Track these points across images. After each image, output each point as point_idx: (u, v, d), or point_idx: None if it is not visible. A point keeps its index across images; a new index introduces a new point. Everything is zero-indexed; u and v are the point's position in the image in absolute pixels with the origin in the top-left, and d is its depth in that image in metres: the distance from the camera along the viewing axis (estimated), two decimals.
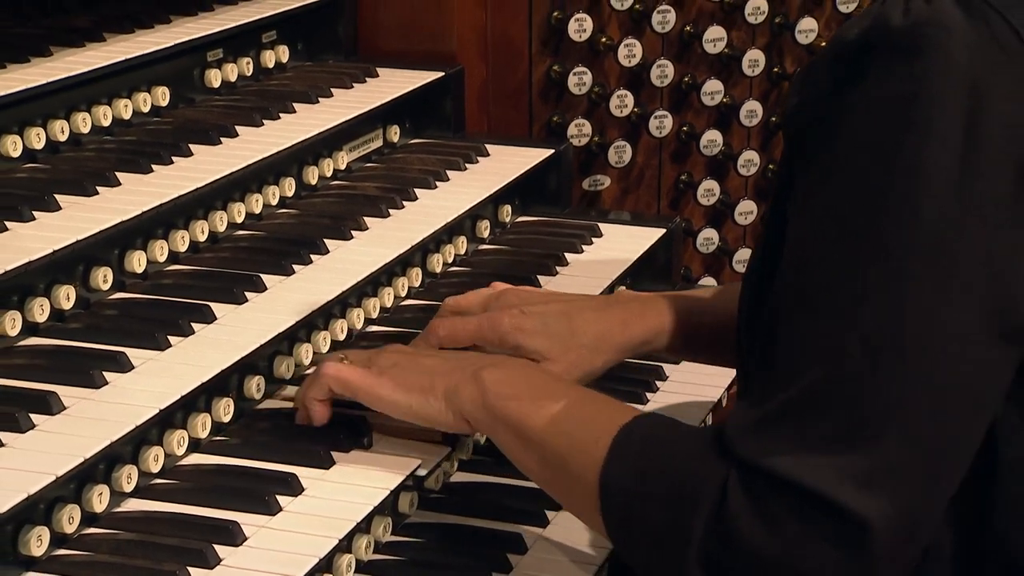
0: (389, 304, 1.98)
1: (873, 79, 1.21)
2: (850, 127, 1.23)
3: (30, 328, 1.64)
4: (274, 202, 2.06)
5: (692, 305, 1.78)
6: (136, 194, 1.82)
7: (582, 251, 2.24)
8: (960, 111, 1.18)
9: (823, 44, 2.71)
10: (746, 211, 2.77)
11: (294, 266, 1.86)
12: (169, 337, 1.65)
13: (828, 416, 1.23)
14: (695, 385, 2.00)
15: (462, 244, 2.19)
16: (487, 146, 2.41)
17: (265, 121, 2.12)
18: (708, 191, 2.74)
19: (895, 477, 1.22)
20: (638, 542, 1.37)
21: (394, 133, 2.39)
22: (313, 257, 1.90)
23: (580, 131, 2.61)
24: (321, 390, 1.61)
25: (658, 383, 1.98)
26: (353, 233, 2.00)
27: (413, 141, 2.43)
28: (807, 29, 2.70)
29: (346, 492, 1.54)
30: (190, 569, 1.38)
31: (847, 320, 1.22)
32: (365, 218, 2.04)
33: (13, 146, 1.85)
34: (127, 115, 2.05)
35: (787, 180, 1.33)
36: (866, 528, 1.21)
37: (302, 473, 1.55)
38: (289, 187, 2.09)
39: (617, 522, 1.37)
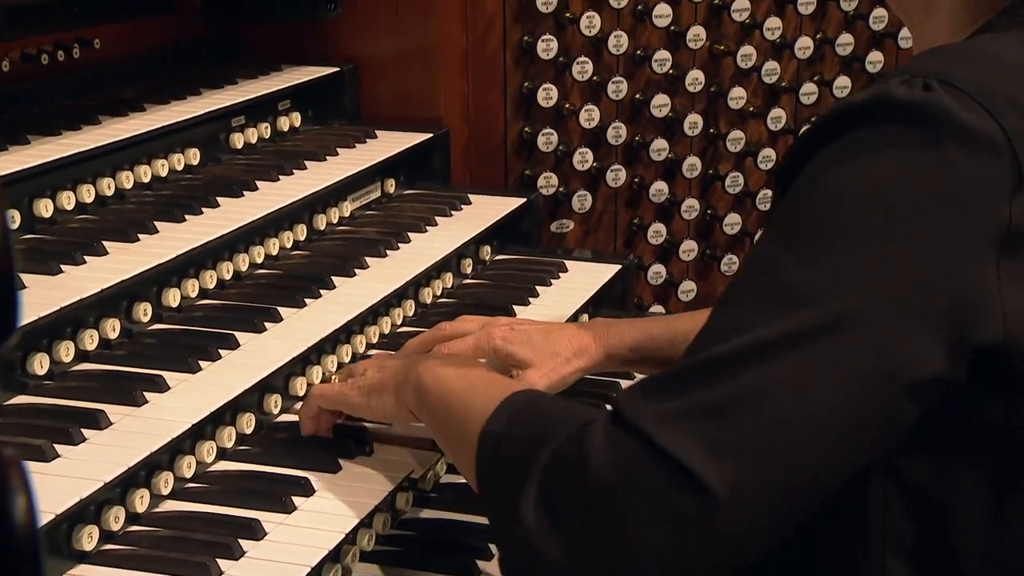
0: (387, 331, 1.98)
1: (872, 132, 1.14)
2: (826, 170, 1.15)
3: (82, 355, 1.64)
4: (288, 245, 2.06)
5: (646, 328, 1.80)
6: (172, 240, 1.82)
7: (551, 284, 2.24)
8: (934, 182, 1.11)
9: (751, 108, 2.73)
10: (688, 249, 2.78)
11: (306, 300, 1.86)
12: (200, 362, 1.64)
13: (705, 390, 1.12)
14: None
15: (449, 279, 2.19)
16: (469, 195, 2.41)
17: (281, 177, 2.12)
18: (657, 232, 2.74)
19: (748, 457, 1.10)
20: (494, 481, 1.25)
21: (391, 185, 2.39)
22: (322, 292, 1.90)
23: (548, 182, 2.62)
24: (310, 408, 1.64)
25: (614, 394, 1.98)
26: (356, 271, 1.99)
27: (407, 192, 2.43)
28: (738, 96, 2.71)
29: (351, 492, 1.54)
30: (219, 560, 1.37)
31: (745, 321, 1.14)
32: (366, 258, 2.04)
33: (67, 200, 1.86)
34: (164, 173, 2.05)
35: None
36: (707, 491, 1.09)
37: (313, 477, 1.55)
38: (301, 232, 2.09)
39: (480, 468, 1.26)
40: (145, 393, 1.55)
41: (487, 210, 2.36)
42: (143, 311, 1.73)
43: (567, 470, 1.16)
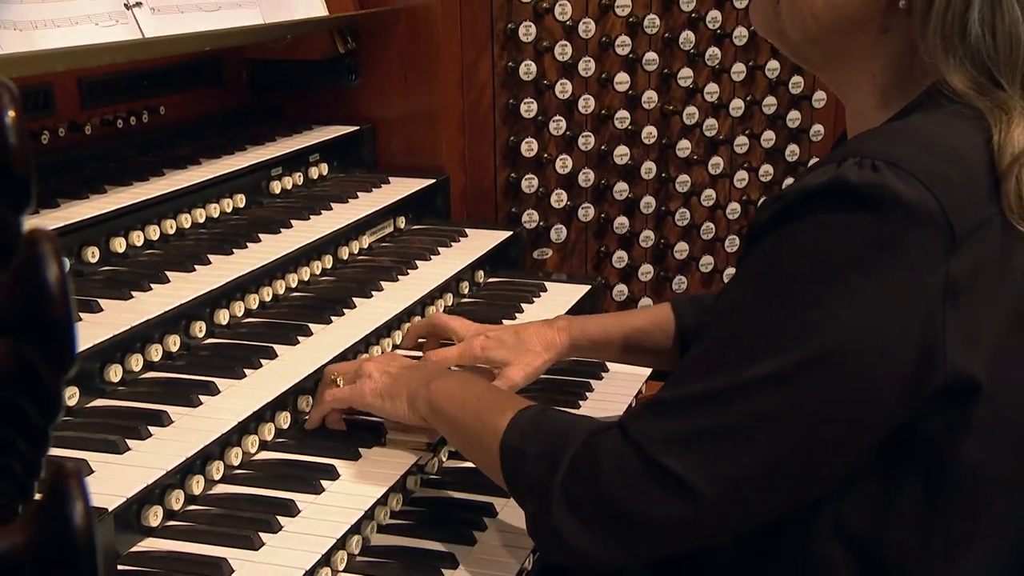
0: (399, 342, 1.97)
1: (824, 212, 1.11)
2: (793, 240, 1.14)
3: (149, 365, 1.64)
4: (318, 272, 2.05)
5: (602, 324, 1.81)
6: (222, 269, 1.82)
7: (533, 301, 2.24)
8: (883, 251, 1.09)
9: (695, 157, 2.74)
10: (646, 272, 2.78)
11: (332, 317, 1.86)
12: (245, 370, 1.64)
13: (695, 414, 1.16)
14: (613, 395, 1.98)
15: (449, 298, 2.19)
16: (467, 230, 2.41)
17: (311, 216, 2.12)
18: (620, 258, 2.75)
19: (731, 471, 1.14)
20: (521, 488, 1.31)
21: (402, 221, 2.39)
22: (345, 311, 1.89)
23: (531, 218, 2.62)
24: (322, 410, 1.62)
25: (588, 393, 1.98)
26: (373, 293, 1.99)
27: (415, 227, 2.43)
28: (684, 147, 2.71)
29: (369, 476, 1.54)
30: (261, 534, 1.37)
31: (733, 359, 1.15)
32: (382, 282, 2.04)
33: (138, 238, 1.86)
34: (216, 215, 2.05)
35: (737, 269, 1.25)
36: (695, 496, 1.14)
37: (338, 464, 1.54)
38: (328, 262, 2.09)
39: (507, 475, 1.32)
40: (200, 396, 1.55)
41: (481, 241, 2.36)
42: (199, 328, 1.73)
43: (583, 478, 1.21)
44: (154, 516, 1.38)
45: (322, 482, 1.50)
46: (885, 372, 1.11)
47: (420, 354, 1.83)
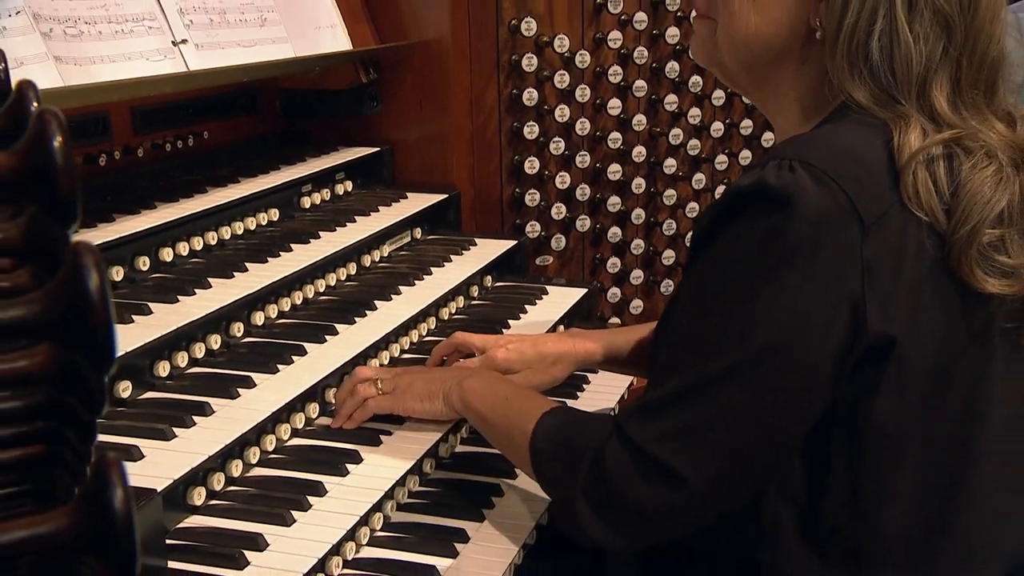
0: (416, 341, 1.96)
1: (752, 215, 1.14)
2: (730, 244, 1.16)
3: (193, 362, 1.63)
4: (343, 278, 2.05)
5: (611, 339, 1.80)
6: (258, 276, 1.81)
7: (536, 303, 2.23)
8: (805, 244, 1.11)
9: (680, 174, 2.73)
10: (637, 276, 2.77)
11: (356, 318, 1.85)
12: (278, 365, 1.64)
13: (675, 413, 1.18)
14: (607, 387, 1.98)
15: (461, 301, 2.18)
16: (476, 239, 2.40)
17: (337, 228, 2.12)
18: (613, 264, 2.73)
19: (711, 457, 1.17)
20: (550, 486, 1.35)
21: (418, 232, 2.38)
22: (367, 312, 1.89)
23: (533, 229, 2.61)
24: (365, 415, 1.60)
25: (584, 386, 1.97)
26: (392, 296, 1.98)
27: (430, 237, 2.42)
28: (670, 165, 2.71)
29: (390, 460, 1.53)
30: (292, 512, 1.37)
31: (694, 359, 1.18)
32: (400, 287, 2.03)
33: (183, 249, 1.86)
34: (252, 227, 2.05)
35: (687, 270, 1.28)
36: (685, 484, 1.17)
37: (362, 449, 1.54)
38: (353, 268, 2.08)
39: (536, 472, 1.36)
40: (239, 389, 1.55)
41: (488, 250, 2.35)
42: (237, 328, 1.73)
43: (597, 480, 1.24)
44: (198, 496, 1.38)
45: (347, 465, 1.49)
46: (823, 352, 1.13)
47: None
